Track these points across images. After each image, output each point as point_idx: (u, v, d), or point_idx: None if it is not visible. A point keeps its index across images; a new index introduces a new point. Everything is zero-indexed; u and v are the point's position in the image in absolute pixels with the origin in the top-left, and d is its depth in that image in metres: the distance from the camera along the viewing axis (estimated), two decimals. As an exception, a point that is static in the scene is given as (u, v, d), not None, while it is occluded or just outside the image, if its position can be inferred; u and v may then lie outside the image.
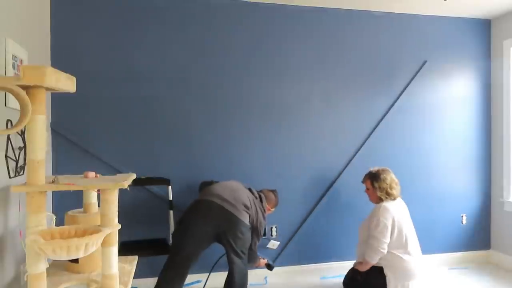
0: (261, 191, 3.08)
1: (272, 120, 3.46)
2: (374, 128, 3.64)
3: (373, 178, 2.96)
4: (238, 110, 3.40)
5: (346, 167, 3.58)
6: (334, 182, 3.57)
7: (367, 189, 3.03)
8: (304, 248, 3.54)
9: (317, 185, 3.53)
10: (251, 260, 2.88)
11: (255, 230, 2.78)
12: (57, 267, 1.99)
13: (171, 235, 2.86)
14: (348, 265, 3.15)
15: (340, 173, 3.56)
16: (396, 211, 2.86)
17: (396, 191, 2.94)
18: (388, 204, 2.87)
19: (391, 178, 2.95)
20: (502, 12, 3.72)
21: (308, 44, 3.51)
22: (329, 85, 3.55)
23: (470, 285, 3.35)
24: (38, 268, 1.48)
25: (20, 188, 1.50)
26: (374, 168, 3.04)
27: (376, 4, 3.50)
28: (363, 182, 3.07)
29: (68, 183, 1.60)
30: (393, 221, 2.81)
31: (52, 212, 2.92)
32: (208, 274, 3.17)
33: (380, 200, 2.92)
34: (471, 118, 3.88)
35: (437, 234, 3.79)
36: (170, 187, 3.11)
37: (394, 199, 2.92)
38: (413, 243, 2.88)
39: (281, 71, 3.46)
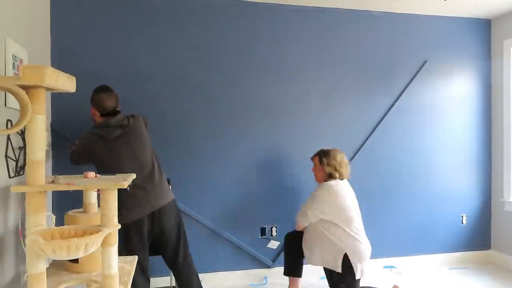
0: None
1: (272, 120, 3.46)
2: (374, 128, 3.64)
3: (323, 154, 2.92)
4: (237, 109, 3.40)
5: (346, 167, 3.57)
6: (334, 182, 3.57)
7: (314, 165, 2.98)
8: (304, 248, 3.54)
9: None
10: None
11: None
12: (57, 267, 1.99)
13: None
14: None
15: (340, 173, 3.56)
16: (341, 188, 2.81)
17: (345, 170, 2.89)
18: (332, 182, 2.82)
19: (342, 157, 2.91)
20: (502, 12, 3.72)
21: (308, 44, 3.51)
22: (329, 85, 3.55)
23: (470, 285, 3.35)
24: (38, 268, 1.48)
25: (20, 188, 1.50)
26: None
27: (376, 4, 3.50)
28: (311, 158, 3.02)
29: (68, 183, 1.60)
30: (336, 197, 2.75)
31: (52, 212, 2.92)
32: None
33: (326, 178, 2.88)
34: (471, 118, 3.88)
35: (437, 234, 3.79)
36: (170, 187, 3.10)
37: (342, 178, 2.88)
38: (359, 225, 2.81)
39: (281, 70, 3.46)
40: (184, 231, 2.58)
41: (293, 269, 3.03)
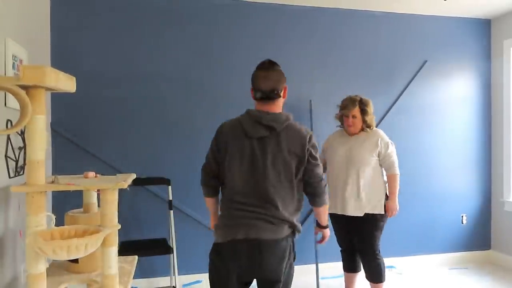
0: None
1: (272, 120, 3.46)
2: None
3: (362, 104, 2.72)
4: (237, 110, 3.37)
5: (346, 167, 3.57)
6: (334, 182, 3.57)
7: (354, 117, 2.71)
8: (304, 248, 3.53)
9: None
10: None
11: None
12: (57, 267, 1.99)
13: None
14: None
15: (340, 173, 3.56)
16: None
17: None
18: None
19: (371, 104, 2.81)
20: (502, 12, 3.72)
21: (309, 44, 3.51)
22: (329, 85, 3.55)
23: (470, 285, 3.35)
24: (38, 268, 1.48)
25: (20, 188, 1.50)
26: (353, 96, 2.77)
27: (376, 4, 3.50)
28: (347, 112, 2.72)
29: (68, 183, 1.60)
30: None
31: (52, 212, 2.92)
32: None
33: (365, 128, 2.75)
34: (471, 118, 3.88)
35: (437, 234, 3.79)
36: (170, 187, 3.10)
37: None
38: None
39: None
40: None
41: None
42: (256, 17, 3.41)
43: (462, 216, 3.86)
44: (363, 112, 2.73)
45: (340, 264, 2.98)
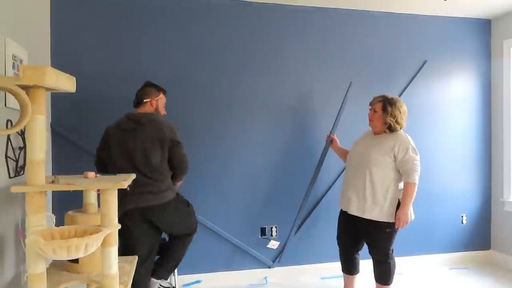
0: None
1: (271, 120, 3.46)
2: (374, 128, 3.63)
3: (387, 101, 2.68)
4: (237, 109, 3.39)
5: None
6: (334, 181, 3.57)
7: (374, 112, 2.72)
8: (304, 248, 3.54)
9: (317, 184, 3.53)
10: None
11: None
12: (57, 267, 1.99)
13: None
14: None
15: (340, 173, 3.56)
16: None
17: (405, 123, 2.71)
18: (406, 134, 2.69)
19: (405, 109, 2.71)
20: (502, 12, 3.72)
21: (308, 44, 3.51)
22: (328, 85, 3.55)
23: (470, 285, 3.35)
24: (38, 268, 1.48)
25: (20, 188, 1.50)
26: (387, 94, 2.78)
27: (375, 4, 3.50)
28: (371, 104, 2.77)
29: (68, 183, 1.60)
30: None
31: (52, 212, 2.92)
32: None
33: (386, 129, 2.69)
34: (471, 118, 3.88)
35: (437, 234, 3.79)
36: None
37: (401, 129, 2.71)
38: None
39: (281, 71, 3.46)
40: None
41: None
42: (256, 17, 3.41)
43: (462, 216, 3.86)
44: (385, 109, 2.67)
45: (339, 264, 2.98)
